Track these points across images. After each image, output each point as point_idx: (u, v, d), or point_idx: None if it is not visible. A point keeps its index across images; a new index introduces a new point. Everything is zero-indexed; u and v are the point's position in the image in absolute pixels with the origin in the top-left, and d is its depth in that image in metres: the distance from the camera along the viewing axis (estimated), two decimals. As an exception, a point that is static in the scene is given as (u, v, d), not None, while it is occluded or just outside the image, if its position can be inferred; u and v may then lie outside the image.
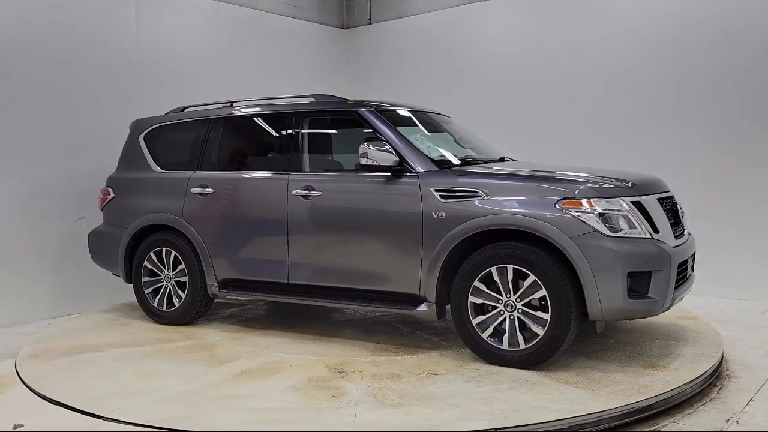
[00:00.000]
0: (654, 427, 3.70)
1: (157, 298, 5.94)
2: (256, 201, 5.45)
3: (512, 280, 4.40)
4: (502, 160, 5.50)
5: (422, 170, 4.79)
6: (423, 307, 4.73)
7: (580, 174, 4.60)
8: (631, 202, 4.34)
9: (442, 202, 4.62)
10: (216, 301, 5.95)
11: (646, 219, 4.36)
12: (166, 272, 5.89)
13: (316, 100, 5.49)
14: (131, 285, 6.12)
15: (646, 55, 7.36)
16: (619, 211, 4.25)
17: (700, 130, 7.08)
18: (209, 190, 5.63)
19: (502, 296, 4.45)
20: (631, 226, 4.26)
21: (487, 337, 4.51)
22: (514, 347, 4.42)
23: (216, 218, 5.60)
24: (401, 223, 4.77)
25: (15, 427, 3.77)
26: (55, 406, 4.07)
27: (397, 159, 4.78)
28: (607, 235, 4.18)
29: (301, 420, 3.65)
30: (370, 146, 4.78)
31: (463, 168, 4.92)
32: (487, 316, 4.51)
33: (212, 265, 5.61)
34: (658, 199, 4.60)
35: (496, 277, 4.45)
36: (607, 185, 4.37)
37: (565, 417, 3.61)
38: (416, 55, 9.08)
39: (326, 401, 3.92)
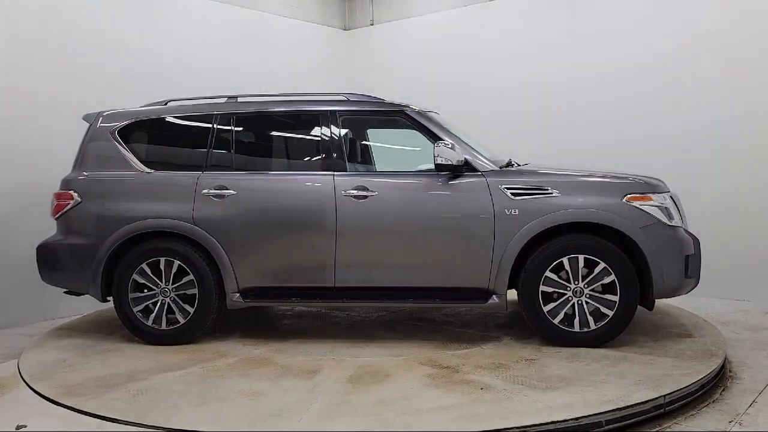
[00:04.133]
0: (657, 429, 3.78)
1: (152, 316, 5.24)
2: (293, 203, 5.14)
3: (577, 269, 4.87)
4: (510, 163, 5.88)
5: (486, 169, 5.04)
6: (494, 300, 4.98)
7: (618, 173, 5.24)
8: (669, 196, 5.11)
9: (515, 200, 4.92)
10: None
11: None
12: (164, 286, 5.23)
13: (349, 99, 5.38)
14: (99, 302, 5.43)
15: (647, 56, 7.43)
16: (667, 204, 4.98)
17: (702, 131, 7.12)
18: (229, 191, 5.17)
19: (570, 283, 4.90)
20: (671, 217, 5.01)
21: (558, 322, 4.92)
22: (585, 328, 4.90)
23: (240, 222, 5.15)
24: (470, 221, 4.96)
25: (18, 427, 3.73)
26: (57, 406, 4.00)
27: (463, 159, 4.96)
28: (668, 225, 4.89)
29: (496, 412, 3.70)
30: (442, 145, 4.90)
31: (524, 168, 5.26)
32: (557, 303, 4.93)
33: (234, 273, 5.15)
34: None
35: (567, 267, 4.89)
36: (655, 182, 5.08)
37: (693, 381, 4.18)
38: (418, 57, 9.03)
39: (483, 393, 4.00)
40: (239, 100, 5.50)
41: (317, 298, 5.21)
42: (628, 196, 4.89)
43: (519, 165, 5.42)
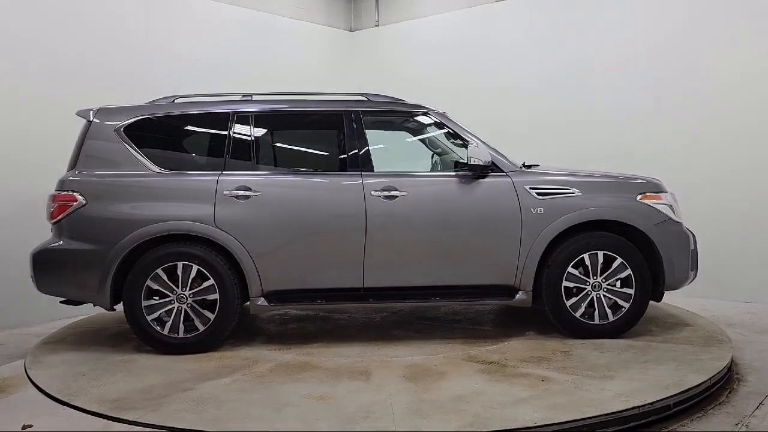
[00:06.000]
0: (664, 431, 3.79)
1: (168, 324, 4.96)
2: (322, 203, 5.05)
3: (596, 265, 5.13)
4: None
5: (510, 169, 5.20)
6: (522, 296, 5.15)
7: (622, 173, 5.57)
8: (671, 195, 5.49)
9: (539, 199, 5.11)
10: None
11: (675, 209, 5.56)
12: (180, 292, 4.98)
13: (369, 99, 5.37)
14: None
15: (654, 56, 7.41)
16: (672, 202, 5.36)
17: (708, 132, 7.10)
18: (254, 192, 5.00)
19: (589, 278, 5.16)
20: (676, 214, 5.39)
21: (579, 316, 5.16)
22: (604, 320, 5.17)
23: (265, 224, 4.99)
24: (498, 219, 5.10)
25: (24, 427, 3.73)
26: (64, 406, 4.02)
27: (490, 159, 5.10)
28: (676, 222, 5.26)
29: (576, 401, 3.83)
30: (474, 145, 5.02)
31: (544, 168, 5.45)
32: (578, 297, 5.16)
33: (259, 276, 4.99)
34: None
35: (587, 262, 5.14)
36: (658, 182, 5.44)
37: (724, 364, 4.50)
38: (423, 58, 8.88)
39: (549, 385, 4.13)
40: (254, 98, 5.33)
41: (345, 300, 5.15)
42: (642, 195, 5.22)
43: (529, 166, 5.61)
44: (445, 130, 5.36)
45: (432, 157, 5.98)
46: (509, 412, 3.71)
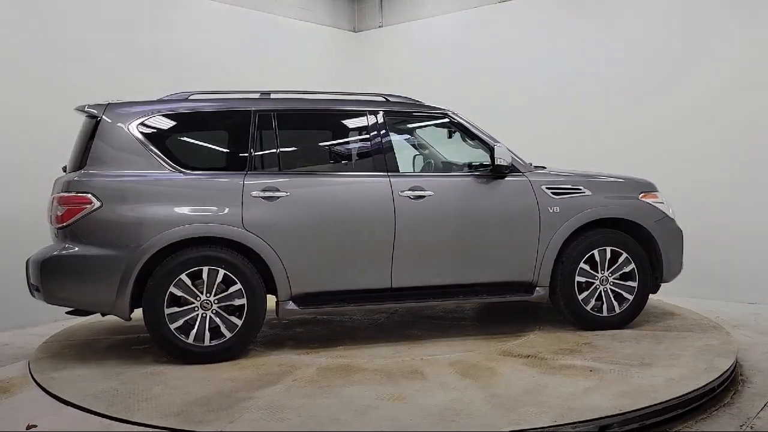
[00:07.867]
0: None
1: (194, 332, 4.72)
2: (351, 204, 4.99)
3: (604, 260, 5.43)
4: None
5: (527, 170, 5.39)
6: (540, 292, 5.35)
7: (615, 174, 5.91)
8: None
9: (555, 198, 5.34)
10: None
11: (663, 207, 5.98)
12: (205, 297, 4.75)
13: (387, 99, 5.37)
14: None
15: (655, 58, 7.43)
16: (665, 200, 5.77)
17: (711, 134, 7.07)
18: (282, 193, 4.86)
19: (597, 273, 5.45)
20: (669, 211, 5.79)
21: (590, 309, 5.44)
22: (611, 313, 5.47)
23: (295, 225, 4.86)
24: (519, 218, 5.27)
25: (28, 427, 3.73)
26: (67, 406, 4.02)
27: (511, 159, 5.27)
28: (671, 219, 5.66)
29: (639, 388, 4.02)
30: (499, 147, 5.16)
31: (553, 169, 5.66)
32: (588, 291, 5.43)
33: (288, 279, 4.86)
34: None
35: (596, 258, 5.42)
36: (652, 182, 5.82)
37: (735, 350, 4.92)
38: (427, 59, 8.70)
39: (601, 374, 4.31)
40: (274, 96, 5.18)
41: (373, 301, 5.12)
42: (643, 194, 5.57)
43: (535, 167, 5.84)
44: (463, 131, 5.44)
45: (414, 158, 6.08)
46: (587, 401, 3.85)
